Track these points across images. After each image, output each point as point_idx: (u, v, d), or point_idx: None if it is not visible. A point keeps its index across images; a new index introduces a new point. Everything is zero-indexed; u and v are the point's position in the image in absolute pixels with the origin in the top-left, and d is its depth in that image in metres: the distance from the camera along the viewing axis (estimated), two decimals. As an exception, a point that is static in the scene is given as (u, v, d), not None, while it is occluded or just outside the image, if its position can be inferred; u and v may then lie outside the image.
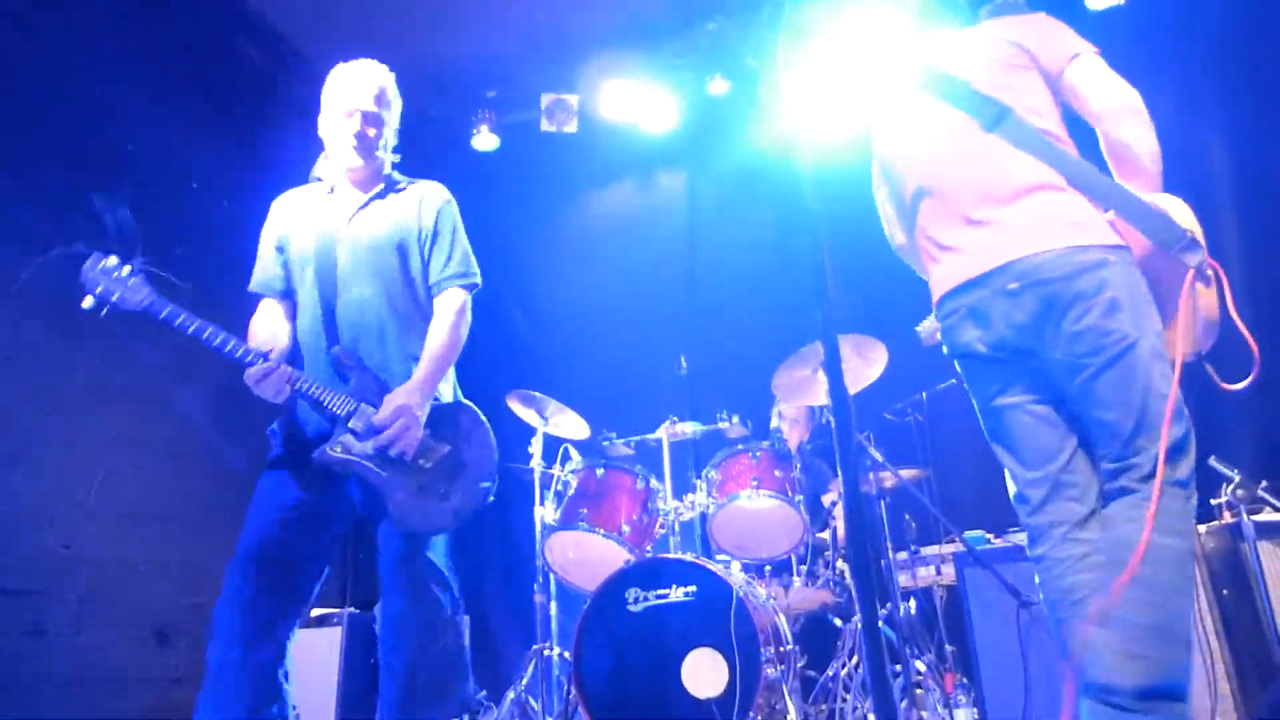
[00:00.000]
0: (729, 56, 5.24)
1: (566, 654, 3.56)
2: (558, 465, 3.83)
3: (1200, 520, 2.76)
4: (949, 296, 2.13)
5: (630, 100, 5.40)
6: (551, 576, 3.96)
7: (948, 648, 3.31)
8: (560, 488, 3.74)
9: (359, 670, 3.69)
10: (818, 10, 4.93)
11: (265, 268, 2.57)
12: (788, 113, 1.69)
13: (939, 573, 3.50)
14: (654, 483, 3.63)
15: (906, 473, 3.60)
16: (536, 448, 4.03)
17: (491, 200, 5.51)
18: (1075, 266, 1.92)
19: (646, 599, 3.16)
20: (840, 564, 3.71)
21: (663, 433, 3.79)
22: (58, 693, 3.32)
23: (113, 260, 2.19)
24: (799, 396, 3.78)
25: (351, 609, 3.84)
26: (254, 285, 2.58)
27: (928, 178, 2.21)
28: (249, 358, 2.24)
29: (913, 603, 3.44)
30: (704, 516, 3.61)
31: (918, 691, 3.19)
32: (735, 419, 3.78)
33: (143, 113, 4.07)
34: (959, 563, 3.03)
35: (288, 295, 2.54)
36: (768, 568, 3.73)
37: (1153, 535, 1.79)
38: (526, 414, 4.04)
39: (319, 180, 2.62)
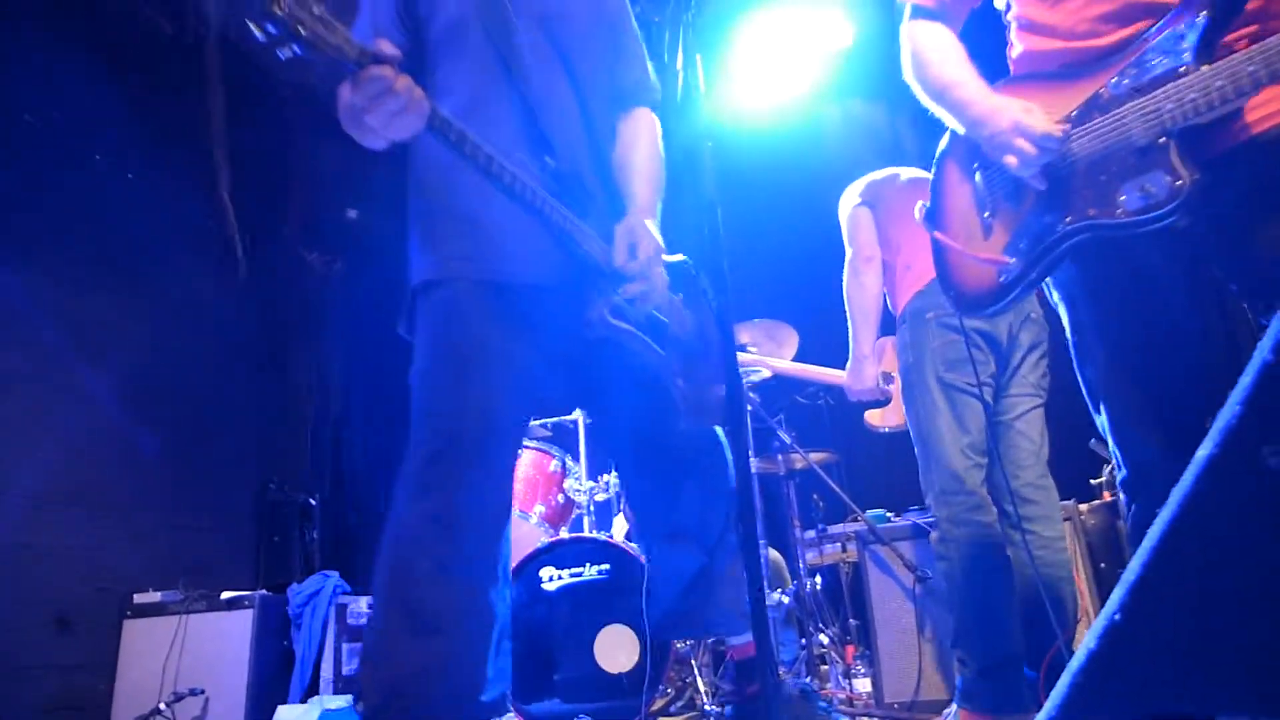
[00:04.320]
0: (652, 42, 5.26)
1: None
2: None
3: (1081, 500, 2.94)
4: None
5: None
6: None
7: (851, 621, 3.45)
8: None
9: (271, 651, 3.65)
10: (732, 2, 5.00)
11: (377, 20, 1.79)
12: (696, 104, 1.73)
13: (844, 549, 3.64)
14: (570, 463, 3.68)
15: (816, 455, 3.72)
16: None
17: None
18: None
19: (561, 578, 3.21)
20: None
21: (579, 414, 3.83)
22: (-50, 682, 3.21)
23: None
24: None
25: (264, 590, 3.79)
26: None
27: None
28: (520, 190, 1.57)
29: (818, 579, 3.57)
30: (619, 496, 3.67)
31: (821, 666, 3.32)
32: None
33: (41, 84, 3.90)
34: (861, 540, 3.15)
35: (405, 69, 1.64)
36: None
37: None
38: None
39: None
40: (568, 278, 1.72)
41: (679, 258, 1.96)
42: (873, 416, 3.06)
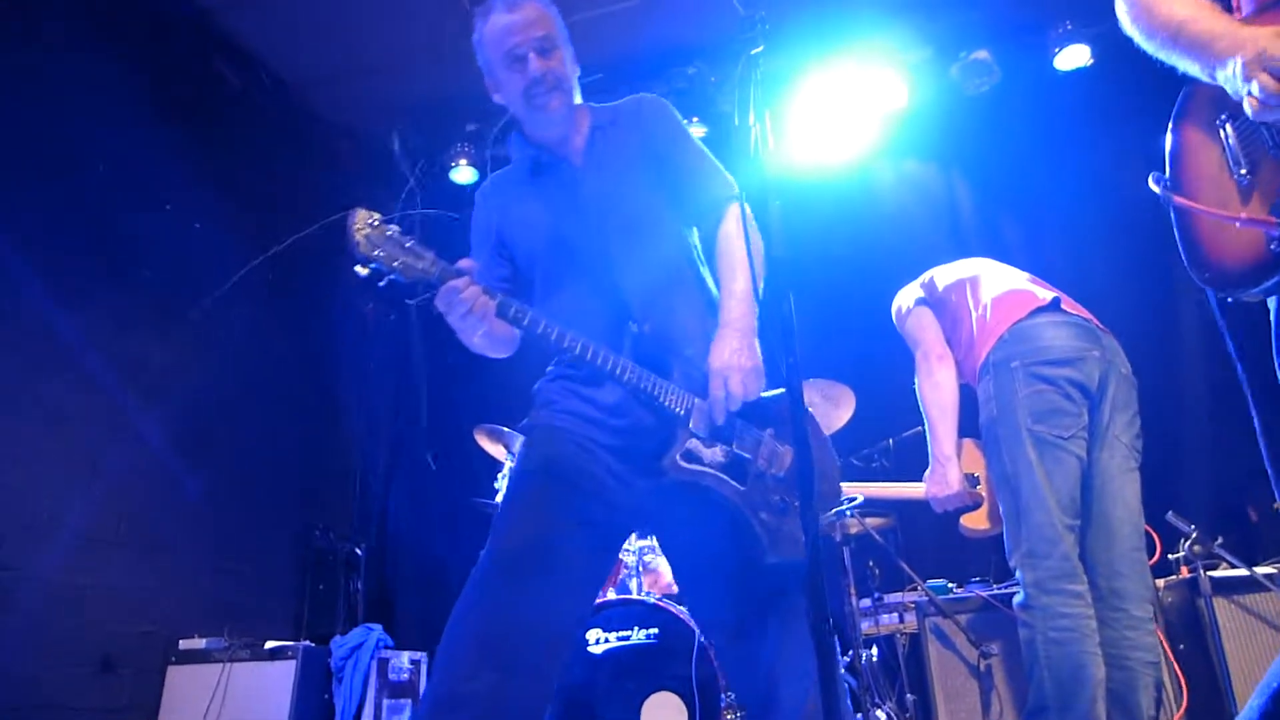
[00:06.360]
0: (707, 101, 5.32)
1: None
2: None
3: (1158, 575, 2.79)
4: None
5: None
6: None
7: (909, 696, 3.30)
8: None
9: (312, 704, 3.60)
10: (791, 62, 5.04)
11: (487, 267, 2.07)
12: (760, 161, 1.71)
13: (902, 620, 3.50)
14: (619, 522, 3.61)
15: (872, 520, 3.60)
16: (504, 484, 3.99)
17: (468, 235, 5.51)
18: None
19: (608, 640, 3.12)
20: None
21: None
22: (-5, 723, 3.21)
23: (376, 216, 1.67)
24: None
25: (306, 642, 3.76)
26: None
27: None
28: (590, 355, 1.78)
29: (874, 650, 3.43)
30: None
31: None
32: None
33: (115, 133, 4.03)
34: (921, 611, 3.03)
35: (512, 291, 2.04)
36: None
37: None
38: (494, 449, 4.01)
39: (514, 155, 2.18)
40: (647, 430, 1.86)
41: (778, 392, 1.94)
42: (970, 521, 2.83)
